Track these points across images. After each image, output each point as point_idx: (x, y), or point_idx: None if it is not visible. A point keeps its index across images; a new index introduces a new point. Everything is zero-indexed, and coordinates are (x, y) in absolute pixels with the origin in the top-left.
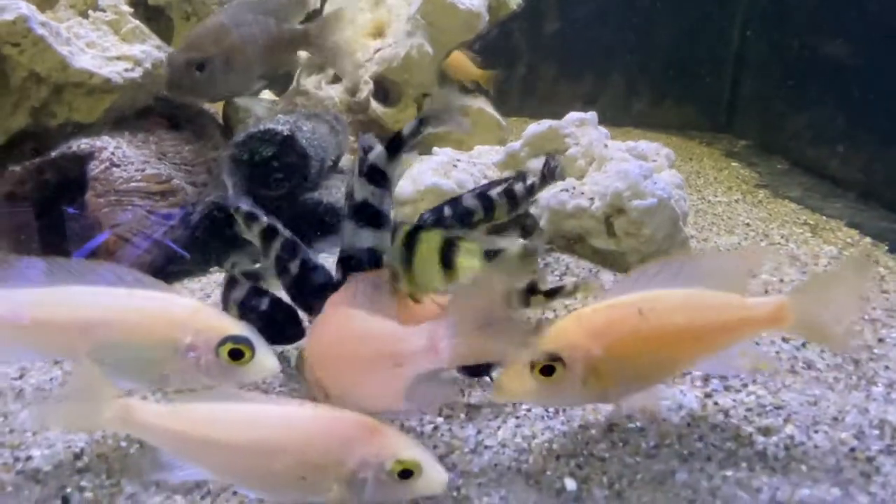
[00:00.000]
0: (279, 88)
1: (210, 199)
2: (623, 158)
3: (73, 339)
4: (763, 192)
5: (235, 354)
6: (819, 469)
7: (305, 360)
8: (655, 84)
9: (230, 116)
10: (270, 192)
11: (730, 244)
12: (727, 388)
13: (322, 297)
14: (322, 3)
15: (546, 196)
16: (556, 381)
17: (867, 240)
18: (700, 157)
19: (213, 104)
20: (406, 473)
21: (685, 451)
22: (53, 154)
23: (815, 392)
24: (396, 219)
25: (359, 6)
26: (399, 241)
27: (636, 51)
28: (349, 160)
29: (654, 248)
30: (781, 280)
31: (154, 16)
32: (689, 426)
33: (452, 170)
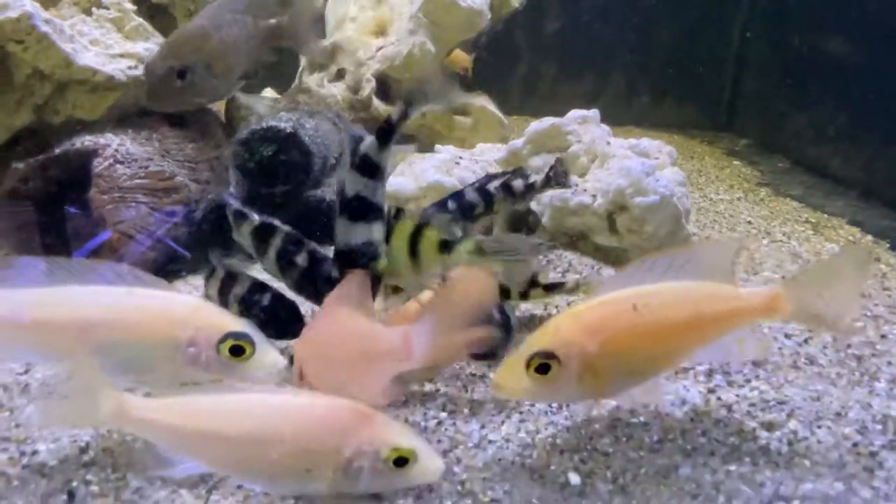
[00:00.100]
0: (281, 86)
1: (211, 197)
2: (625, 156)
3: (74, 340)
4: (764, 191)
5: (236, 351)
6: (822, 464)
7: (294, 358)
8: (656, 83)
9: (232, 114)
10: (273, 190)
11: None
12: (730, 384)
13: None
14: (324, 2)
15: (548, 193)
16: (552, 379)
17: (868, 237)
18: (701, 156)
19: (216, 102)
20: (401, 461)
21: (688, 446)
22: (57, 151)
23: (818, 387)
24: (397, 210)
25: (360, 3)
26: (400, 239)
27: (637, 50)
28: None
29: (657, 246)
30: (783, 277)
31: (157, 13)
32: (693, 421)
33: (455, 167)
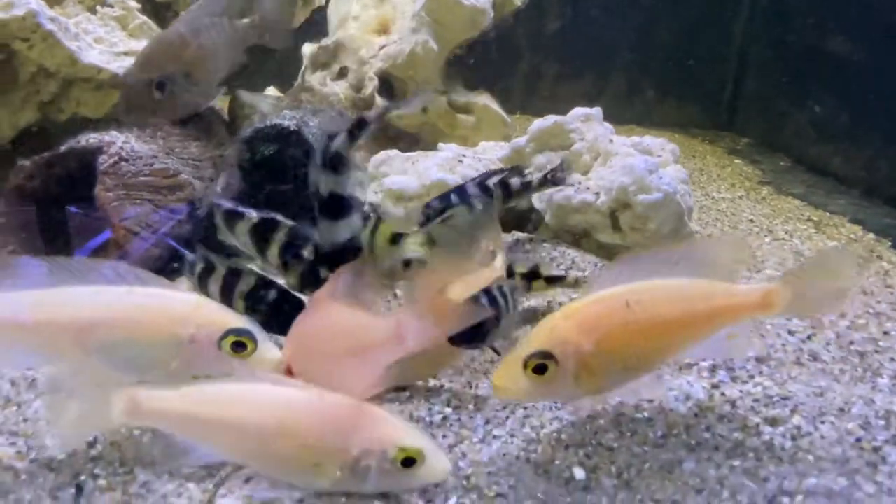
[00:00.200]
0: (284, 85)
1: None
2: (628, 153)
3: (75, 340)
4: (766, 189)
5: (238, 347)
6: (826, 459)
7: (285, 352)
8: (657, 82)
9: (236, 112)
10: (277, 188)
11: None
12: (734, 379)
13: None
14: (326, 0)
15: (551, 191)
16: (550, 379)
17: (870, 236)
18: (703, 155)
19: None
20: (409, 461)
21: (693, 441)
22: (62, 148)
23: (822, 383)
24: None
25: (363, 2)
26: (384, 240)
27: (638, 49)
28: (354, 156)
29: (660, 243)
30: (783, 273)
31: (161, 11)
32: (697, 416)
33: (458, 165)
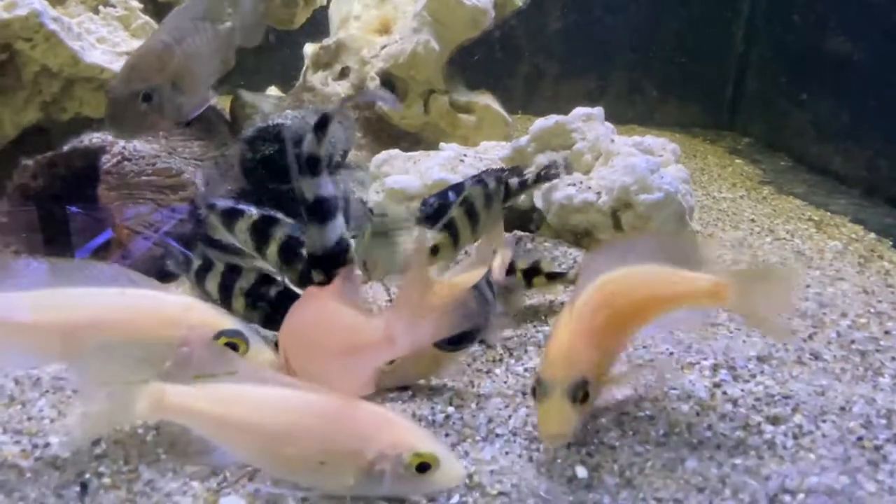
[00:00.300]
0: (285, 84)
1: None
2: (630, 153)
3: (67, 342)
4: (767, 189)
5: (230, 348)
6: (827, 457)
7: (279, 344)
8: (658, 82)
9: (237, 112)
10: (279, 187)
11: (735, 239)
12: (735, 378)
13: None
14: (328, 0)
15: (549, 187)
16: (590, 401)
17: (871, 235)
18: (704, 155)
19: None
20: (423, 467)
21: (695, 440)
22: (65, 148)
23: (823, 382)
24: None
25: (364, 2)
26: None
27: (639, 49)
28: (356, 156)
29: None
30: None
31: (163, 11)
32: (699, 415)
33: (459, 165)
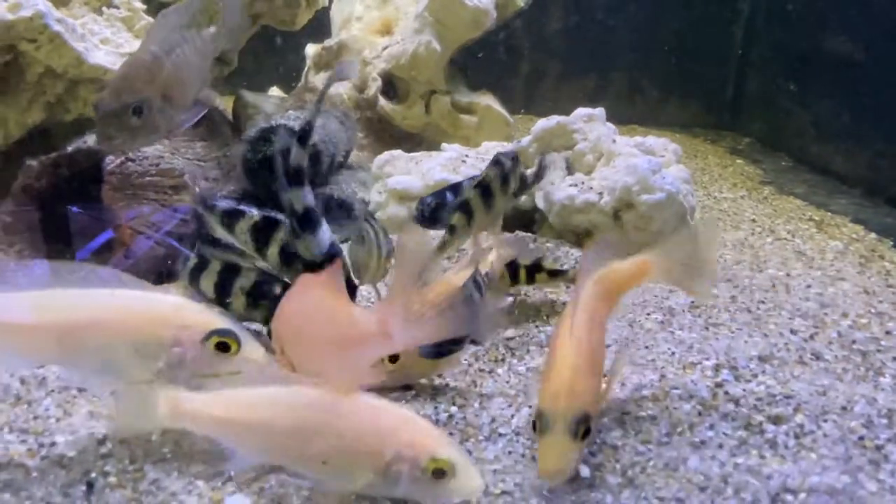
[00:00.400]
0: (287, 85)
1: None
2: (631, 153)
3: (59, 343)
4: (768, 189)
5: (222, 347)
6: (828, 457)
7: (273, 334)
8: (659, 82)
9: (240, 113)
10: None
11: (736, 239)
12: (737, 378)
13: None
14: (330, 1)
15: (559, 194)
16: (591, 439)
17: (872, 235)
18: (705, 155)
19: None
20: (439, 473)
21: (697, 439)
22: (69, 149)
23: (824, 382)
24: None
25: (366, 3)
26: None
27: (640, 49)
28: (358, 156)
29: None
30: (788, 274)
31: None
32: (700, 415)
33: (461, 165)
